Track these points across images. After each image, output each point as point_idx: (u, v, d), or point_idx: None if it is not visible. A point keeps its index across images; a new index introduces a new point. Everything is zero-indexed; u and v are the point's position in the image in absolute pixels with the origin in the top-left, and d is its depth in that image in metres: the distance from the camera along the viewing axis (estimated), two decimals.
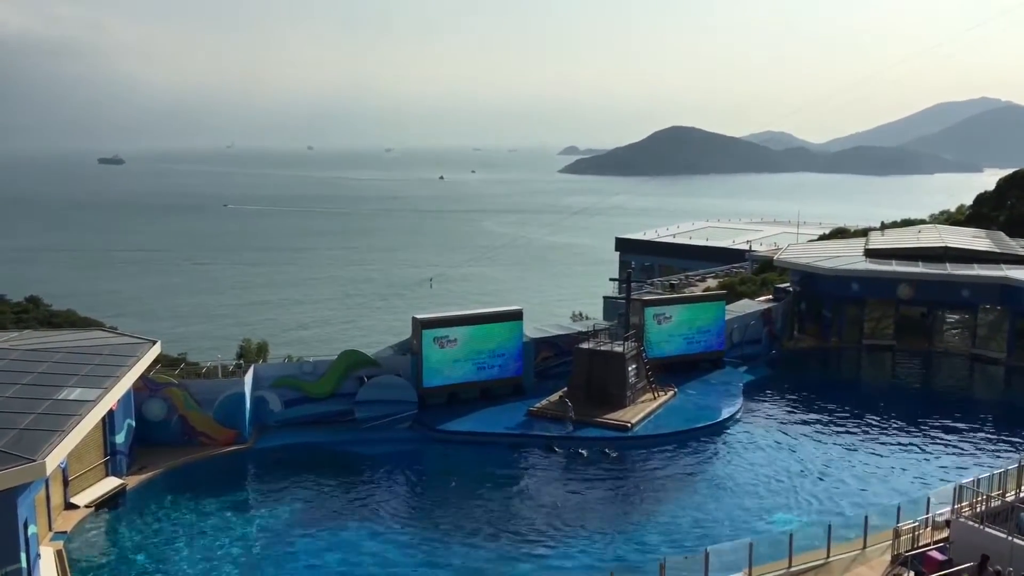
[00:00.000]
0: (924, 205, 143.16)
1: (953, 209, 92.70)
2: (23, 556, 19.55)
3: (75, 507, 25.93)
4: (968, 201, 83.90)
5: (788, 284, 51.64)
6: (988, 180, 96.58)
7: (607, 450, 31.99)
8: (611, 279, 53.85)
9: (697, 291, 58.50)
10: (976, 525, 20.78)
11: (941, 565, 20.16)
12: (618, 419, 34.25)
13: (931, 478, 29.41)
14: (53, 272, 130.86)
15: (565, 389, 37.09)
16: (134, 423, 30.27)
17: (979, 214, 71.27)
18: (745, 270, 69.43)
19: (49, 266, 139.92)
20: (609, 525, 26.22)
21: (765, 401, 39.00)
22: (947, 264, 48.75)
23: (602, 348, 37.00)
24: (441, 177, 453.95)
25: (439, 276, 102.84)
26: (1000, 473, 23.59)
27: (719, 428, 34.77)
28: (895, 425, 35.66)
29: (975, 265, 48.44)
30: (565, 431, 33.30)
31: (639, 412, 35.15)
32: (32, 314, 51.97)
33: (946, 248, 51.07)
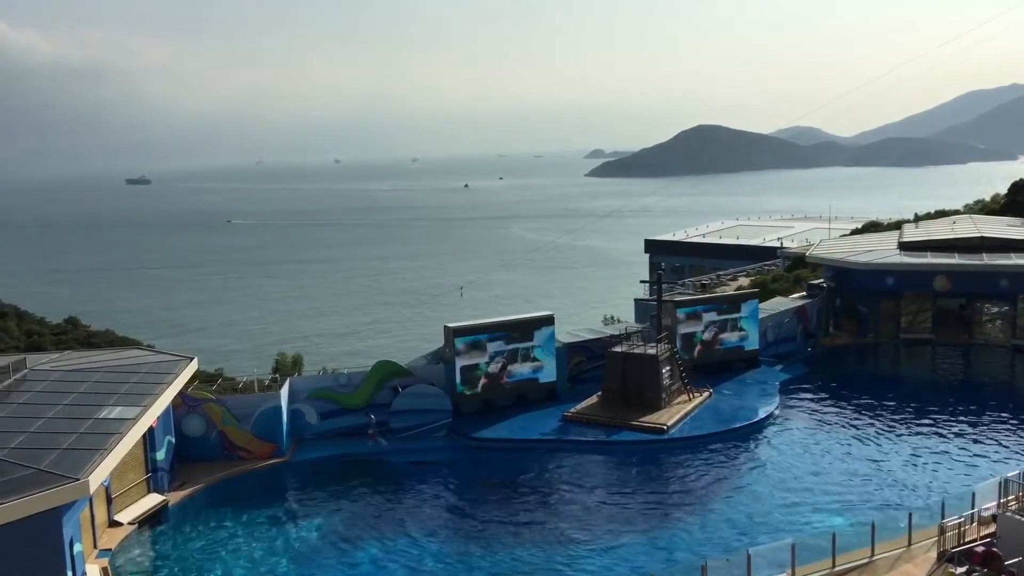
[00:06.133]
0: (958, 195, 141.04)
1: (988, 198, 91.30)
2: (70, 574, 19.84)
3: (119, 524, 26.27)
4: (1003, 190, 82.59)
5: (821, 280, 51.07)
6: (1023, 168, 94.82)
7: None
8: (642, 281, 53.29)
9: (729, 290, 58.02)
10: (1023, 519, 20.38)
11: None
12: (654, 422, 34.06)
13: (975, 472, 28.86)
14: (89, 293, 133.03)
15: (600, 393, 37.06)
16: (174, 439, 30.63)
17: (1015, 202, 70.07)
18: (777, 267, 68.78)
19: (85, 287, 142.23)
20: (650, 528, 26.08)
21: (802, 399, 38.57)
22: (984, 254, 47.90)
23: (635, 351, 36.82)
24: (466, 185, 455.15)
25: (468, 284, 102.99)
26: None
27: (757, 428, 34.43)
28: (936, 420, 35.07)
29: (1013, 254, 47.53)
30: (375, 444, 33.10)
31: (675, 414, 34.92)
32: (71, 335, 52.85)
33: (982, 238, 50.22)
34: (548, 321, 37.69)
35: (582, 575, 23.13)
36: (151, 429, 27.58)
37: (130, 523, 26.44)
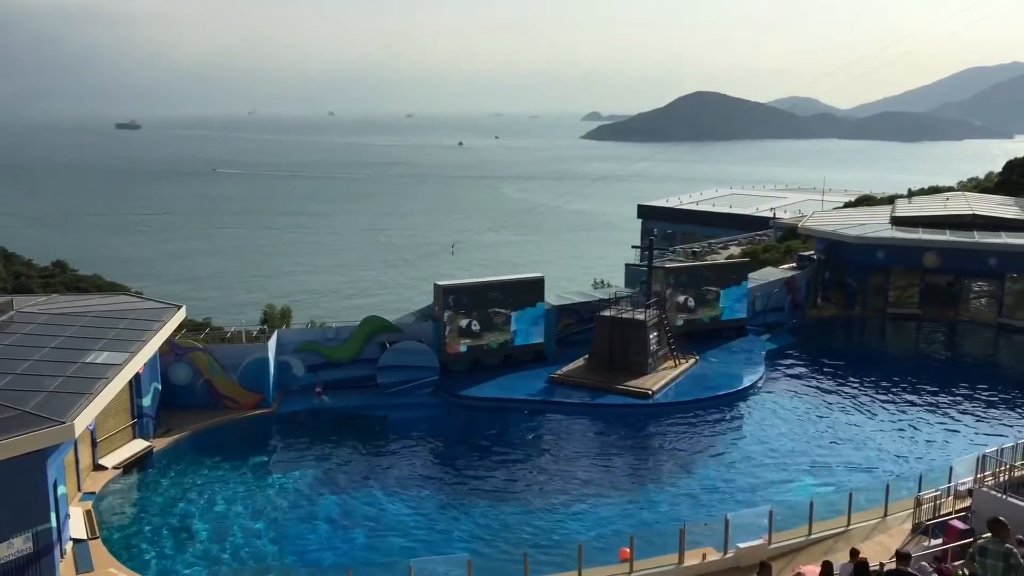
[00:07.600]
0: (952, 172, 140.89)
1: (982, 176, 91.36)
2: (53, 516, 19.94)
3: (103, 468, 26.42)
4: (997, 168, 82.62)
5: (812, 252, 51.15)
6: (1019, 147, 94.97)
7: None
8: (633, 246, 53.19)
9: (720, 259, 58.09)
10: (999, 495, 20.65)
11: (962, 534, 20.09)
12: (639, 386, 34.27)
13: (954, 447, 29.24)
14: (77, 237, 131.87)
15: (587, 356, 37.21)
16: (160, 387, 30.67)
17: (1009, 181, 70.08)
18: (769, 238, 68.81)
19: (73, 231, 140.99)
20: (630, 491, 26.37)
21: (787, 369, 38.85)
22: (975, 232, 48.07)
23: (623, 315, 36.94)
24: (460, 143, 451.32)
25: (460, 243, 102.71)
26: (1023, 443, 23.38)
27: (741, 396, 34.71)
28: (918, 394, 35.43)
29: (1003, 233, 47.74)
30: (320, 402, 33.24)
31: (660, 379, 35.14)
32: (59, 279, 52.67)
33: (974, 216, 50.37)
34: (538, 283, 37.68)
35: (561, 536, 23.32)
36: (137, 375, 27.58)
37: (115, 467, 26.58)
